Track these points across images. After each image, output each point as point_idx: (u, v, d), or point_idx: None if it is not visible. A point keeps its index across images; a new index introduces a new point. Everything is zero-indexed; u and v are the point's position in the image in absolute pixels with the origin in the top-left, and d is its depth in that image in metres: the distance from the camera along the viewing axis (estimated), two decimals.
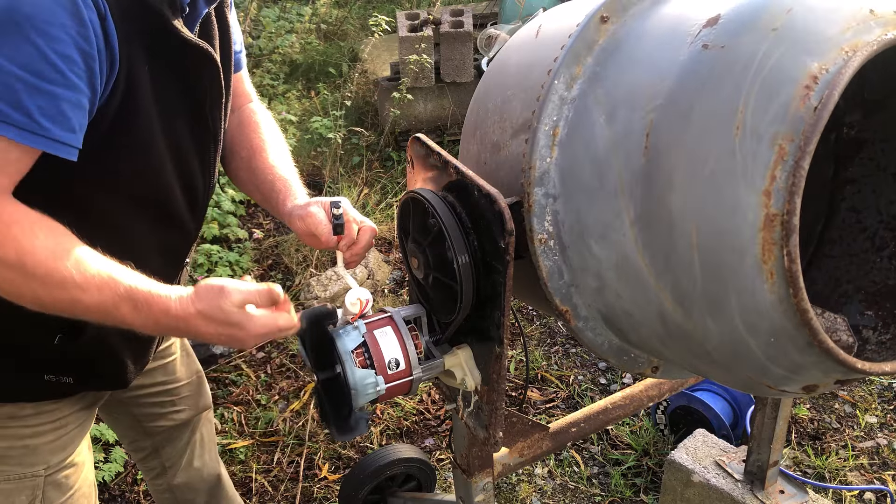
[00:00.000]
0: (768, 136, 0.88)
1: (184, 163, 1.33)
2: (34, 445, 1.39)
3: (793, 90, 0.88)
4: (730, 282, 0.93)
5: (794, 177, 0.86)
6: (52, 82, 1.04)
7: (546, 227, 1.14)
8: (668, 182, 0.96)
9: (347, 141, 4.37)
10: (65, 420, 1.42)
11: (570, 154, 1.11)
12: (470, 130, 1.35)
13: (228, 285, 1.14)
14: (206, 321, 1.13)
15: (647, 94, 1.02)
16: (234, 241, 3.68)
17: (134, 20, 1.13)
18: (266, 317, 1.15)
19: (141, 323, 1.13)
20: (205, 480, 1.92)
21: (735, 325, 0.95)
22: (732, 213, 0.90)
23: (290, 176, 1.54)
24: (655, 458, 2.59)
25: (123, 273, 1.13)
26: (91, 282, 1.09)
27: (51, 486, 1.42)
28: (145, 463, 1.87)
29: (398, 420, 2.80)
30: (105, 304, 1.11)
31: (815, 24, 0.92)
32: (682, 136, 0.95)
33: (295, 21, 5.82)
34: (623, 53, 1.10)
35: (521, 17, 4.50)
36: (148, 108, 1.20)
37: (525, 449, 1.71)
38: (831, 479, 2.49)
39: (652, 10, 1.12)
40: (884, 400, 2.82)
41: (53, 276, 1.08)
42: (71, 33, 1.04)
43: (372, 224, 1.45)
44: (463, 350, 1.27)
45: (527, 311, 3.35)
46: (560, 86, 1.11)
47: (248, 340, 1.16)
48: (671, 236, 0.97)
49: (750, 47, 0.92)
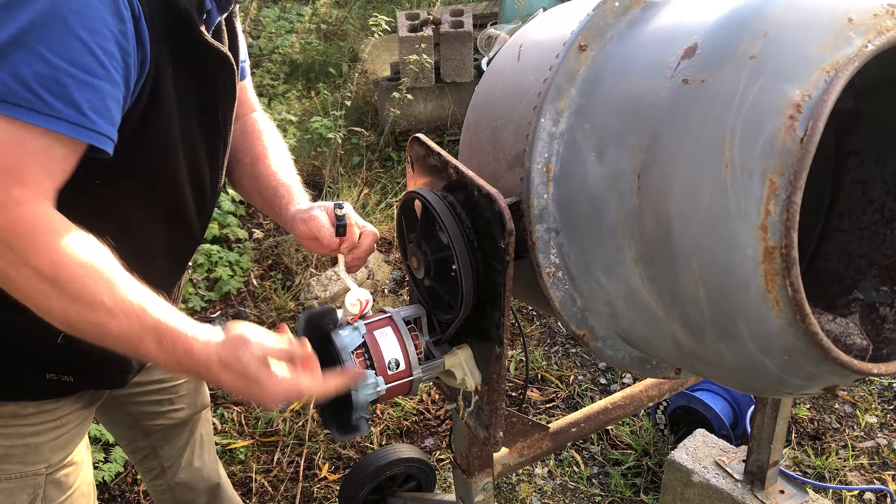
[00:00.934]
0: (758, 171, 0.87)
1: (195, 163, 1.34)
2: (35, 444, 1.39)
3: (777, 122, 0.86)
4: (737, 311, 0.93)
5: (787, 211, 0.86)
6: (98, 77, 1.05)
7: (552, 261, 1.15)
8: (664, 222, 0.96)
9: (347, 141, 4.37)
10: (65, 419, 1.43)
11: (566, 189, 1.11)
12: (465, 159, 1.36)
13: (251, 336, 1.10)
14: (226, 370, 1.09)
15: (633, 132, 1.01)
16: (234, 241, 3.68)
17: (163, 21, 1.14)
18: (287, 380, 1.11)
19: (163, 359, 1.10)
20: (205, 480, 1.92)
21: (748, 348, 0.96)
22: (731, 248, 0.90)
23: (293, 182, 1.55)
24: (655, 458, 2.59)
25: (154, 304, 1.09)
26: (121, 308, 1.06)
27: (51, 484, 1.43)
28: (144, 464, 1.86)
29: (398, 420, 2.80)
30: (131, 333, 1.08)
31: (792, 45, 0.90)
32: (672, 177, 0.94)
33: (295, 21, 5.82)
34: (605, 84, 1.09)
35: (521, 17, 4.50)
36: (170, 108, 1.21)
37: (525, 449, 1.71)
38: (831, 479, 2.49)
39: (629, 34, 1.11)
40: (884, 400, 2.82)
41: (85, 296, 1.05)
42: (112, 29, 1.05)
43: (373, 229, 1.45)
44: (463, 350, 1.27)
45: (527, 311, 3.35)
46: (547, 122, 1.11)
47: (267, 400, 1.11)
48: (674, 273, 0.97)
49: (730, 80, 0.91)
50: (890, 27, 0.90)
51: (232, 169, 1.60)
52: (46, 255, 1.04)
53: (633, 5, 1.13)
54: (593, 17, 1.11)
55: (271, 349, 1.10)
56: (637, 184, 0.99)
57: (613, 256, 1.07)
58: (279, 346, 1.12)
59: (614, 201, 1.04)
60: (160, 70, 1.16)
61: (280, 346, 1.12)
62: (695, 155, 0.92)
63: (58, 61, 1.02)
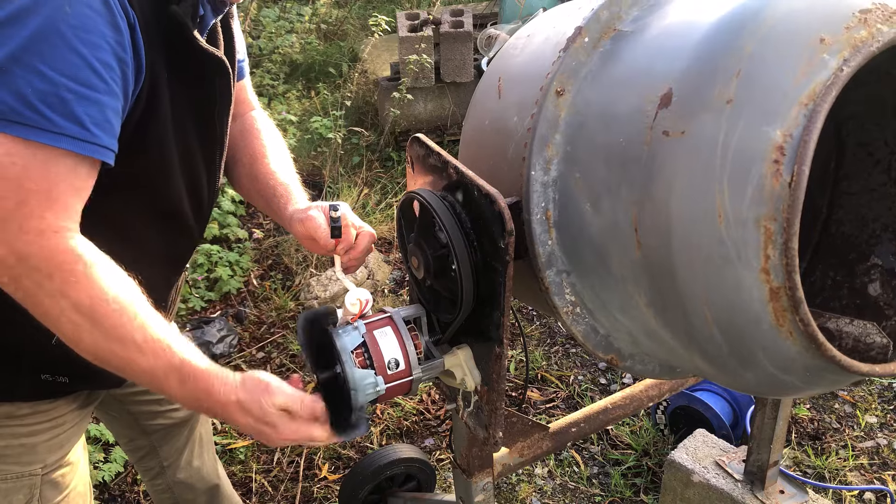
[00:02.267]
0: (751, 219, 0.87)
1: (191, 167, 1.34)
2: (31, 444, 1.39)
3: (763, 168, 0.85)
4: (754, 343, 0.94)
5: (786, 256, 0.86)
6: (98, 90, 1.05)
7: (568, 300, 1.16)
8: (668, 272, 0.96)
9: (347, 141, 4.37)
10: (61, 419, 1.43)
11: (569, 234, 1.12)
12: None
13: (274, 384, 1.14)
14: (244, 413, 1.13)
15: (623, 184, 1.01)
16: (234, 241, 3.68)
17: (157, 27, 1.14)
18: (302, 426, 1.16)
19: (182, 396, 1.13)
20: (204, 480, 1.92)
21: (769, 371, 0.97)
22: (738, 291, 0.90)
23: (291, 181, 1.55)
24: (655, 458, 2.59)
25: (179, 342, 1.13)
26: (150, 346, 1.09)
27: (48, 484, 1.43)
28: (143, 462, 1.86)
29: (398, 420, 2.80)
30: (156, 371, 1.11)
31: (767, 80, 0.88)
32: (668, 232, 0.94)
33: (295, 21, 5.82)
34: (588, 131, 1.08)
35: (521, 17, 4.50)
36: (166, 114, 1.22)
37: (525, 449, 1.71)
38: (831, 479, 2.49)
39: (603, 70, 1.10)
40: (884, 400, 2.82)
41: (117, 332, 1.08)
42: (110, 42, 1.05)
43: (371, 229, 1.45)
44: (463, 350, 1.27)
45: (527, 311, 3.35)
46: (538, 174, 1.11)
47: (277, 441, 1.16)
48: (686, 317, 0.98)
49: (710, 129, 0.89)
50: (864, 38, 0.88)
51: (231, 168, 1.60)
52: (86, 289, 1.06)
53: (602, 37, 1.11)
54: (565, 58, 1.10)
55: (294, 400, 1.15)
56: (636, 237, 1.00)
57: (626, 300, 1.09)
58: (301, 398, 1.16)
59: (616, 252, 1.05)
60: (156, 77, 1.16)
61: (301, 399, 1.16)
62: (687, 209, 0.92)
63: (58, 77, 1.01)
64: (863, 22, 0.89)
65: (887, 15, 0.90)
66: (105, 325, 1.07)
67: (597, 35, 1.12)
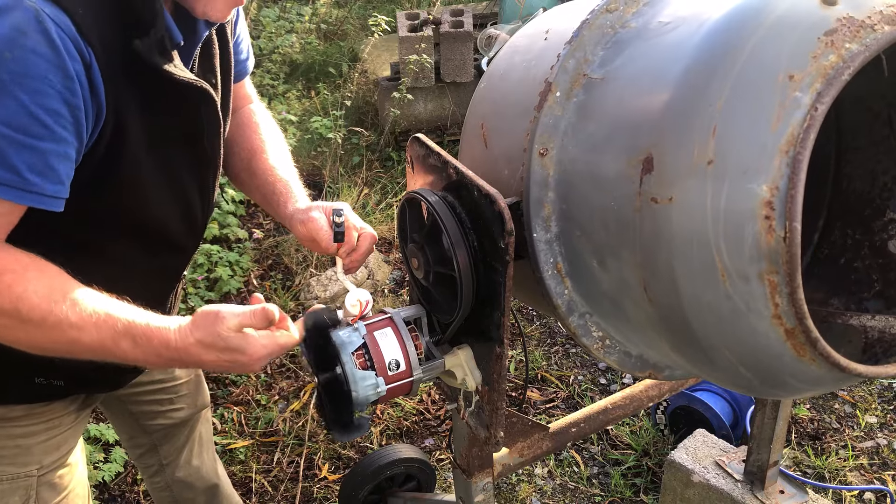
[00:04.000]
0: (754, 275, 0.87)
1: (181, 192, 1.33)
2: (27, 445, 1.38)
3: (756, 226, 0.85)
4: (780, 372, 0.95)
5: (794, 305, 0.86)
6: (38, 137, 1.04)
7: (596, 336, 1.17)
8: (684, 326, 0.97)
9: (347, 141, 4.37)
10: (58, 421, 1.42)
11: (584, 284, 1.13)
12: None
13: (223, 310, 1.14)
14: (206, 349, 1.13)
15: (624, 247, 1.01)
16: (234, 241, 3.68)
17: (125, 60, 1.12)
18: (265, 336, 1.15)
19: (143, 357, 1.13)
20: (203, 479, 1.92)
21: (800, 389, 0.99)
22: (755, 336, 0.91)
23: (290, 178, 1.54)
24: (655, 458, 2.59)
25: (120, 308, 1.13)
26: (88, 321, 1.10)
27: (45, 486, 1.42)
28: (143, 460, 1.87)
29: (398, 420, 2.80)
30: (104, 341, 1.11)
31: (743, 133, 0.86)
32: (676, 292, 0.95)
33: (295, 21, 5.82)
34: (578, 190, 1.08)
35: (521, 17, 4.50)
36: (137, 147, 1.20)
37: (525, 449, 1.71)
38: (831, 479, 2.49)
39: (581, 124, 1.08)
40: (884, 400, 2.82)
41: (49, 319, 1.08)
42: (56, 87, 1.04)
43: (372, 231, 1.45)
44: (463, 350, 1.27)
45: (527, 311, 3.35)
46: (540, 234, 1.12)
47: (252, 364, 1.15)
48: (710, 359, 0.99)
49: (696, 194, 0.88)
50: (834, 64, 0.84)
51: (229, 162, 1.59)
52: (4, 293, 1.07)
53: (573, 86, 1.10)
54: (541, 117, 1.09)
55: (245, 315, 1.14)
56: (646, 296, 1.00)
57: (651, 343, 1.10)
58: (251, 311, 1.15)
59: (631, 306, 1.06)
60: (123, 112, 1.15)
61: (252, 311, 1.15)
62: (689, 270, 0.92)
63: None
64: (829, 46, 0.85)
65: (854, 31, 0.86)
66: (34, 318, 1.08)
67: (567, 86, 1.10)
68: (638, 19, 1.11)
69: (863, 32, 0.86)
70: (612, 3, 1.12)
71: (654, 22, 1.07)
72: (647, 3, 1.12)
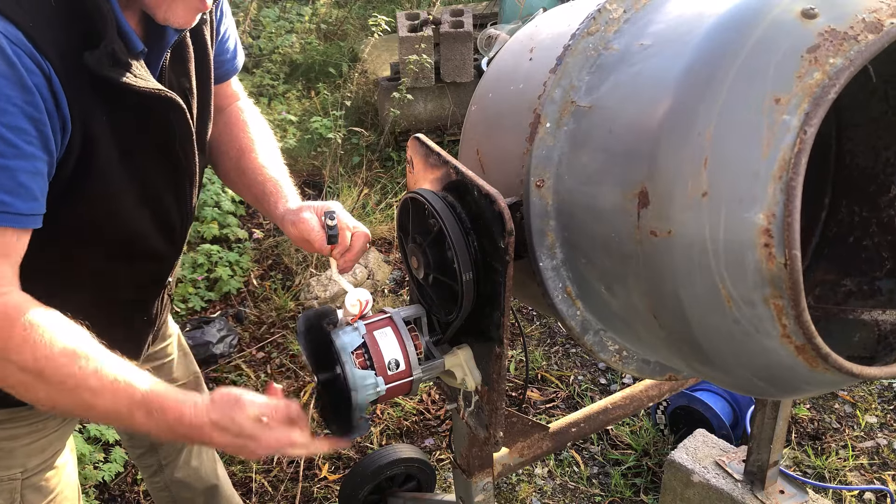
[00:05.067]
0: (759, 299, 0.87)
1: (155, 201, 1.32)
2: (9, 448, 1.37)
3: (756, 254, 0.85)
4: (796, 381, 0.97)
5: (801, 327, 0.87)
6: (4, 156, 1.03)
7: (613, 350, 1.19)
8: (697, 347, 0.98)
9: (347, 141, 4.37)
10: (42, 423, 1.41)
11: (595, 305, 1.13)
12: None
13: (245, 397, 1.14)
14: (220, 432, 1.13)
15: (629, 275, 1.01)
16: (234, 241, 3.68)
17: (84, 77, 1.10)
18: (281, 432, 1.15)
19: (154, 428, 1.13)
20: (202, 480, 1.92)
21: (816, 391, 1.02)
22: (766, 354, 0.92)
23: (280, 177, 1.52)
24: (655, 458, 2.59)
25: (140, 378, 1.12)
26: (107, 388, 1.09)
27: (29, 489, 1.41)
28: (142, 460, 1.86)
29: (398, 420, 2.80)
30: (119, 410, 1.10)
31: (735, 162, 0.85)
32: (684, 318, 0.95)
33: (295, 21, 5.82)
34: (578, 220, 1.07)
35: (521, 17, 4.50)
36: (107, 158, 1.18)
37: (525, 449, 1.71)
38: (831, 479, 2.49)
39: (574, 154, 1.07)
40: (884, 400, 2.82)
41: (69, 382, 1.07)
42: (17, 103, 1.02)
43: (365, 229, 1.44)
44: (463, 350, 1.27)
45: (527, 311, 3.35)
46: (546, 262, 1.12)
47: (259, 451, 1.15)
48: (725, 373, 1.01)
49: (694, 226, 0.88)
50: (819, 82, 0.83)
51: (218, 162, 1.58)
52: (29, 350, 1.05)
53: (562, 115, 1.09)
54: (534, 150, 1.09)
55: (267, 407, 1.14)
56: (656, 322, 1.01)
57: (665, 358, 1.11)
58: (274, 405, 1.15)
59: (642, 328, 1.07)
60: (89, 123, 1.13)
61: (275, 405, 1.15)
62: (695, 298, 0.92)
63: None
64: (813, 63, 0.83)
65: (837, 45, 0.84)
66: (55, 380, 1.07)
67: (557, 115, 1.09)
68: (620, 40, 1.09)
69: (846, 45, 0.84)
70: (593, 26, 1.10)
71: (636, 45, 1.05)
72: (627, 20, 1.10)
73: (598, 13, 1.10)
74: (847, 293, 1.25)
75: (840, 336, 1.16)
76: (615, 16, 1.10)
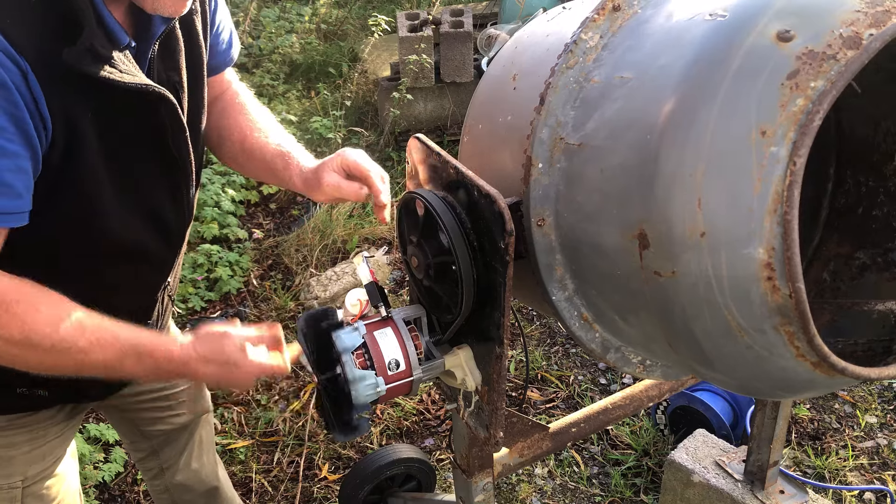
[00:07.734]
0: (769, 328, 0.88)
1: (149, 198, 1.31)
2: (9, 457, 1.37)
3: (760, 287, 0.85)
4: (815, 387, 0.99)
5: (814, 349, 0.87)
6: None
7: (636, 363, 1.21)
8: (716, 370, 0.99)
9: (347, 141, 4.37)
10: (42, 431, 1.41)
11: (611, 329, 1.15)
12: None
13: (231, 330, 1.20)
14: (206, 363, 1.18)
15: (641, 309, 1.02)
16: (234, 241, 3.68)
17: (65, 73, 1.09)
18: (261, 355, 1.21)
19: (144, 372, 1.18)
20: (203, 482, 1.92)
21: (831, 390, 1.05)
22: (784, 372, 0.93)
23: (288, 146, 1.49)
24: (655, 458, 2.59)
25: (124, 329, 1.17)
26: (94, 343, 1.13)
27: (31, 497, 1.41)
28: (144, 463, 1.86)
29: (398, 420, 2.80)
30: (109, 361, 1.15)
31: (728, 199, 0.85)
32: (699, 347, 0.96)
33: (295, 21, 5.82)
34: (584, 257, 1.07)
35: (521, 17, 4.50)
36: (91, 153, 1.17)
37: (525, 449, 1.71)
38: (831, 479, 2.49)
39: (569, 191, 1.06)
40: (884, 400, 2.82)
41: (58, 346, 1.11)
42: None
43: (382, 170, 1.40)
44: (463, 350, 1.27)
45: (527, 311, 3.35)
46: (558, 294, 1.13)
47: (243, 378, 1.20)
48: (744, 389, 1.03)
49: (696, 266, 0.88)
50: (804, 108, 0.82)
51: (221, 148, 1.56)
52: (16, 325, 1.09)
53: (553, 153, 1.08)
54: (530, 191, 1.08)
55: (250, 336, 1.21)
56: (674, 352, 1.03)
57: (687, 370, 1.14)
58: (256, 334, 1.23)
59: (660, 352, 1.08)
60: (71, 117, 1.12)
61: (257, 333, 1.23)
62: (706, 330, 0.93)
63: None
64: (795, 89, 0.82)
65: (817, 67, 0.83)
66: (44, 346, 1.10)
67: (547, 154, 1.08)
68: (600, 71, 1.06)
69: (826, 66, 0.82)
70: (571, 59, 1.07)
71: (615, 78, 1.03)
72: (605, 45, 1.08)
73: (574, 45, 1.07)
74: (862, 266, 1.24)
75: (857, 321, 1.17)
76: (592, 44, 1.08)
